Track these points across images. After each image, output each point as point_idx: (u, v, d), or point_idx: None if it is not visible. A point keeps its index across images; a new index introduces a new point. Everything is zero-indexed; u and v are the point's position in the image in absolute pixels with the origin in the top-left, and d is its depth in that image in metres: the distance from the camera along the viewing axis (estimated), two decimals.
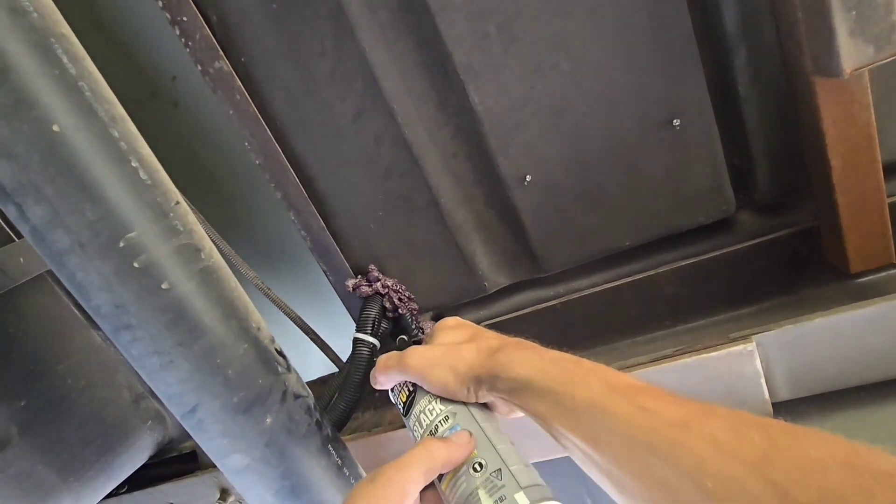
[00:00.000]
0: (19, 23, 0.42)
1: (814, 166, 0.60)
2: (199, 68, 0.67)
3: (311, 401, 0.58)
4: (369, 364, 0.70)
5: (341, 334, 0.79)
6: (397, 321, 0.76)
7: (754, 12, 0.58)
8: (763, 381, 0.58)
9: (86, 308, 0.47)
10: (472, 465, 0.37)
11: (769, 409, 0.59)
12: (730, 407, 0.29)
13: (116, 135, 0.46)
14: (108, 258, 0.45)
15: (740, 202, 0.68)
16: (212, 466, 0.90)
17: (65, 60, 0.44)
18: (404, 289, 0.76)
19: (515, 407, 0.39)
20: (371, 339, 0.70)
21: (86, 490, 0.82)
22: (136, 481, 0.97)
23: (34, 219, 0.43)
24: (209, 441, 0.52)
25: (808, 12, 0.49)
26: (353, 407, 0.68)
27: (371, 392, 0.83)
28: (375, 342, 0.71)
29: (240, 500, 0.90)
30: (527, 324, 0.79)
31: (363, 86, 0.66)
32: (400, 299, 0.75)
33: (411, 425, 0.45)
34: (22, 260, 0.76)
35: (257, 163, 0.71)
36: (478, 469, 0.37)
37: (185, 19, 0.64)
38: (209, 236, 0.53)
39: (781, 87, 0.60)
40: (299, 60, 0.66)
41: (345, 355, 0.74)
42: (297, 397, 0.55)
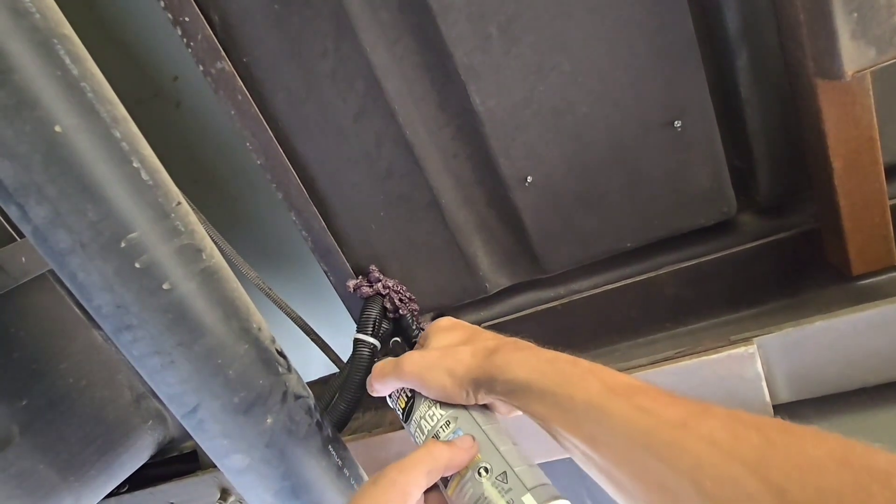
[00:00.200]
0: (22, 23, 0.42)
1: (815, 168, 0.60)
2: (201, 69, 0.67)
3: (311, 401, 0.58)
4: (370, 364, 0.70)
5: (342, 335, 0.79)
6: (398, 322, 0.76)
7: (756, 14, 0.58)
8: (764, 383, 0.58)
9: (87, 308, 0.48)
10: (477, 470, 0.37)
11: (770, 412, 0.59)
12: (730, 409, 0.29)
13: (118, 135, 0.46)
14: (109, 258, 0.45)
15: (741, 204, 0.68)
16: (212, 466, 0.90)
17: (67, 61, 0.44)
18: (405, 289, 0.76)
19: (515, 408, 0.39)
20: (372, 340, 0.70)
21: (87, 489, 0.82)
22: (137, 481, 0.97)
23: (36, 219, 0.43)
24: (210, 441, 0.52)
25: (810, 14, 0.49)
26: (354, 407, 0.68)
27: None
28: (376, 343, 0.71)
29: (240, 501, 0.90)
30: (527, 325, 0.79)
31: (364, 86, 0.66)
32: (401, 300, 0.75)
33: (413, 431, 0.44)
34: (23, 259, 0.76)
35: (259, 163, 0.71)
36: (483, 474, 0.37)
37: (186, 20, 0.64)
38: (210, 237, 0.54)
39: (783, 89, 0.60)
40: (301, 61, 0.66)
41: (345, 356, 0.74)
42: (297, 398, 0.55)
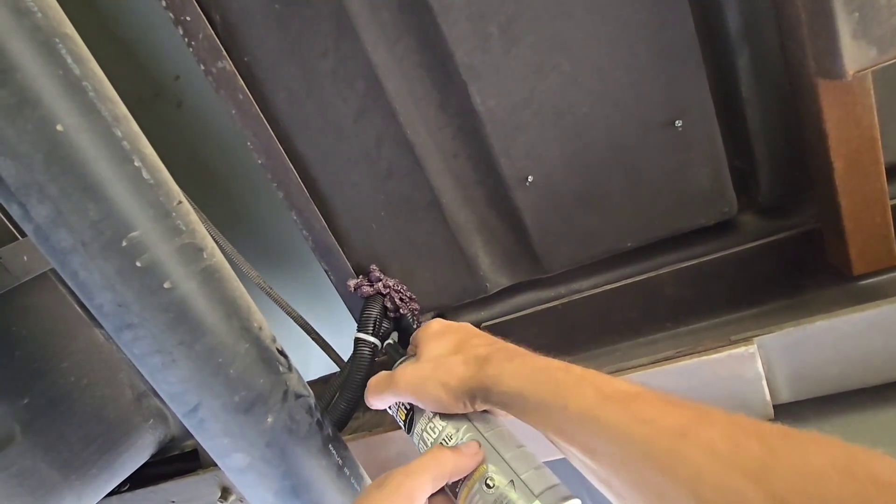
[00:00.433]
0: (23, 23, 0.42)
1: (816, 168, 0.60)
2: (202, 68, 0.67)
3: (312, 400, 0.58)
4: (371, 364, 0.70)
5: (343, 334, 0.79)
6: (398, 321, 0.76)
7: (757, 13, 0.57)
8: (764, 383, 0.58)
9: (88, 307, 0.48)
10: (485, 482, 0.37)
11: (770, 412, 0.59)
12: (731, 409, 0.28)
13: (119, 134, 0.46)
14: (110, 257, 0.45)
15: (742, 204, 0.67)
16: (213, 465, 0.90)
17: (68, 60, 0.44)
18: (406, 289, 0.76)
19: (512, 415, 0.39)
20: (372, 339, 0.70)
21: (88, 488, 0.83)
22: (138, 480, 0.98)
23: (38, 218, 0.44)
24: (210, 440, 0.53)
25: (811, 14, 0.49)
26: (354, 407, 0.68)
27: None
28: (377, 342, 0.71)
29: (241, 499, 0.90)
30: (528, 325, 0.79)
31: (365, 86, 0.66)
32: (401, 299, 0.75)
33: (416, 443, 0.45)
34: (25, 258, 0.77)
35: (260, 162, 0.71)
36: (490, 486, 0.37)
37: (188, 19, 0.64)
38: (211, 236, 0.54)
39: (784, 89, 0.60)
40: (301, 60, 0.66)
41: (346, 355, 0.74)
42: (298, 397, 0.55)
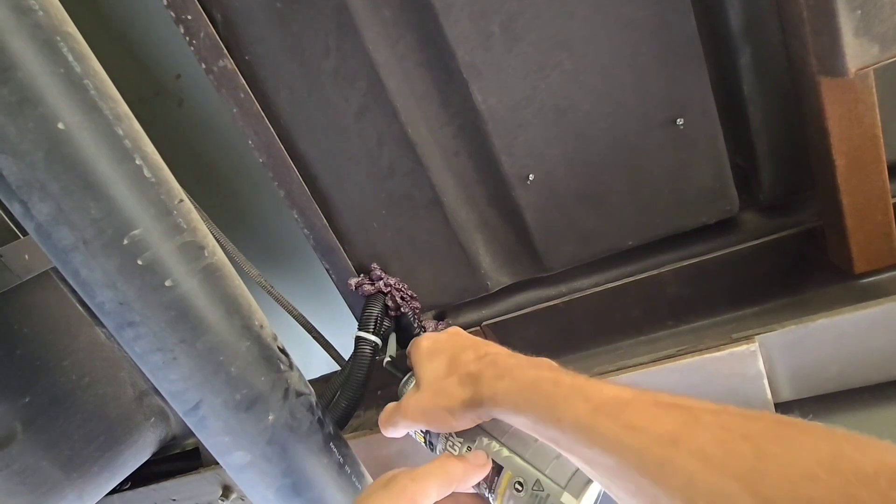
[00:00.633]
0: (25, 21, 0.42)
1: (818, 166, 0.60)
2: (203, 67, 0.67)
3: (313, 399, 0.58)
4: (371, 362, 0.70)
5: (344, 332, 0.79)
6: (399, 320, 0.76)
7: (759, 11, 0.57)
8: (766, 381, 0.58)
9: (90, 305, 0.48)
10: (514, 487, 0.38)
11: (771, 410, 0.59)
12: None
13: (121, 133, 0.46)
14: (111, 255, 0.45)
15: (744, 202, 0.67)
16: (214, 464, 0.90)
17: (70, 58, 0.44)
18: (406, 287, 0.76)
19: None
20: (373, 338, 0.70)
21: (89, 486, 0.83)
22: (139, 478, 0.98)
23: (39, 216, 0.44)
24: (211, 438, 0.53)
25: (814, 11, 0.49)
26: (355, 405, 0.68)
27: (373, 390, 0.83)
28: (378, 340, 0.71)
29: (242, 498, 0.90)
30: (529, 323, 0.79)
31: (366, 84, 0.66)
32: (402, 298, 0.75)
33: None
34: (27, 257, 0.77)
35: (261, 161, 0.71)
36: (519, 489, 0.38)
37: (189, 17, 0.64)
38: (212, 234, 0.54)
39: (786, 87, 0.59)
40: (303, 59, 0.66)
41: (347, 353, 0.74)
42: (299, 395, 0.56)
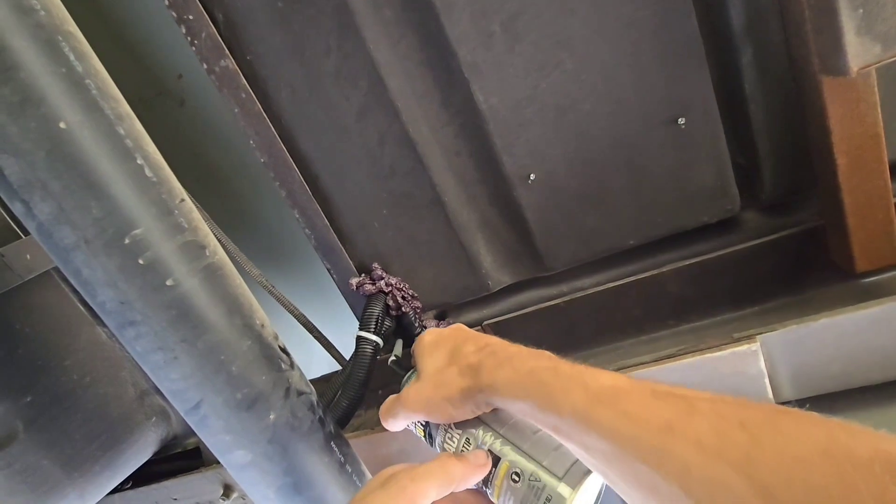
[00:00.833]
0: (26, 20, 0.42)
1: (820, 165, 0.59)
2: (205, 66, 0.67)
3: (313, 398, 0.58)
4: (372, 362, 0.70)
5: (345, 332, 0.79)
6: (400, 319, 0.76)
7: (760, 10, 0.57)
8: (767, 381, 0.58)
9: (91, 304, 0.48)
10: (511, 477, 0.38)
11: None
12: None
13: (122, 132, 0.46)
14: (113, 255, 0.45)
15: (745, 201, 0.67)
16: (215, 463, 0.90)
17: (71, 58, 0.44)
18: (408, 287, 0.76)
19: None
20: (374, 338, 0.70)
21: (90, 485, 0.83)
22: (140, 477, 0.98)
23: (41, 215, 0.44)
24: (212, 437, 0.53)
25: (815, 10, 0.49)
26: (356, 404, 0.68)
27: (374, 390, 0.83)
28: (379, 340, 0.71)
29: (243, 497, 0.90)
30: (530, 322, 0.79)
31: (368, 84, 0.66)
32: (403, 297, 0.75)
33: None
34: (28, 257, 0.77)
35: (262, 161, 0.71)
36: (516, 480, 0.38)
37: (190, 18, 0.64)
38: (214, 233, 0.54)
39: (787, 86, 0.59)
40: (304, 59, 0.66)
41: (348, 353, 0.74)
42: (300, 394, 0.56)
